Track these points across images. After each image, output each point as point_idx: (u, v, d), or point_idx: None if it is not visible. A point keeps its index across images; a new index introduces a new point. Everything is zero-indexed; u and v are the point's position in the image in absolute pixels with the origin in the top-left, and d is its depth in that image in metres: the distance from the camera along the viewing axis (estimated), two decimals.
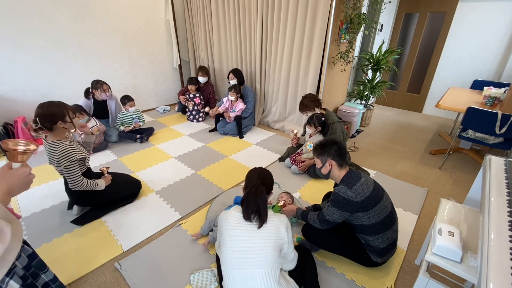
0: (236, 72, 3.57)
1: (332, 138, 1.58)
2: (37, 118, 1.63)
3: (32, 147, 0.88)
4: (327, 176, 1.56)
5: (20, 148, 0.84)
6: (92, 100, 3.21)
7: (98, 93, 3.13)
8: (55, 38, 3.25)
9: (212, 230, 1.82)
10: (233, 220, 1.24)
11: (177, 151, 3.10)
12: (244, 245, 1.18)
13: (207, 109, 3.50)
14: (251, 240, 1.18)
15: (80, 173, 1.80)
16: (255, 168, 1.44)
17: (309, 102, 2.60)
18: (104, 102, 3.29)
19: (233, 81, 3.56)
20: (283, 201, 1.95)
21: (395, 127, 3.99)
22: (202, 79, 3.96)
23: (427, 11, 4.12)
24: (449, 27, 3.93)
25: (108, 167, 2.15)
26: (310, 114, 2.63)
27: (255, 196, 1.19)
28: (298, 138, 2.85)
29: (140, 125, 3.39)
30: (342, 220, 1.48)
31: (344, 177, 1.47)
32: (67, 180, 1.79)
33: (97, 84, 3.10)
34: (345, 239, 1.58)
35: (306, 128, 2.60)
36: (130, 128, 3.32)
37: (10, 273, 0.87)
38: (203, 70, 3.96)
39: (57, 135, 1.73)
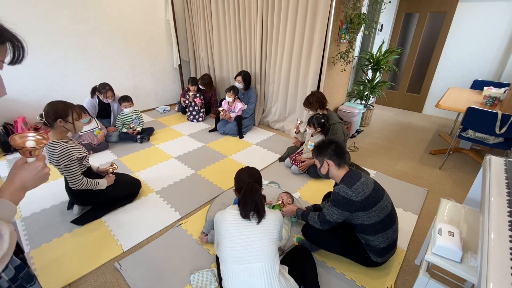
0: (246, 76, 3.48)
1: (329, 138, 1.58)
2: (43, 113, 1.69)
3: (43, 140, 0.84)
4: (327, 176, 1.56)
5: (30, 144, 0.80)
6: (97, 100, 3.23)
7: (102, 97, 3.17)
8: (55, 38, 3.25)
9: (213, 229, 1.82)
10: (230, 217, 1.26)
11: (177, 151, 3.10)
12: (243, 239, 1.21)
13: (220, 108, 3.46)
14: (250, 234, 1.21)
15: (80, 172, 1.81)
16: (242, 168, 1.47)
17: (314, 101, 2.59)
18: (109, 103, 3.32)
19: (239, 85, 3.49)
20: (281, 200, 1.95)
21: (395, 127, 3.99)
22: (202, 87, 3.95)
23: (427, 11, 4.12)
24: (449, 27, 3.93)
25: (115, 168, 2.12)
26: (311, 112, 2.62)
27: (252, 194, 1.23)
28: (299, 130, 2.82)
29: (138, 130, 3.36)
30: (342, 220, 1.48)
31: (344, 176, 1.47)
32: (67, 179, 1.79)
33: (103, 89, 3.14)
34: (345, 239, 1.58)
35: (307, 128, 2.60)
36: (129, 131, 3.31)
37: None
38: (205, 81, 3.88)
39: (57, 134, 1.74)
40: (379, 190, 1.46)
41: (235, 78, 3.54)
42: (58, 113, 1.67)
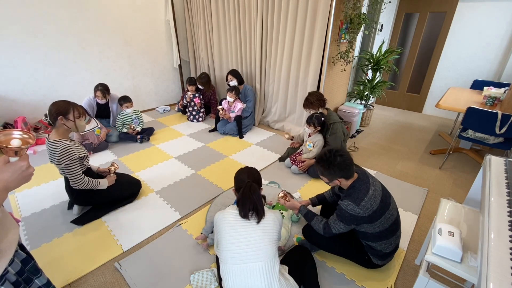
0: (234, 73, 3.55)
1: (330, 150, 1.42)
2: (48, 111, 1.72)
3: (29, 139, 0.79)
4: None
5: (15, 143, 0.75)
6: (96, 100, 3.24)
7: (95, 96, 3.18)
8: (55, 38, 3.25)
9: (212, 232, 1.82)
10: (230, 217, 1.27)
11: (177, 151, 3.10)
12: (243, 239, 1.21)
13: (220, 106, 3.48)
14: (250, 234, 1.21)
15: (81, 171, 1.81)
16: (241, 168, 1.47)
17: (315, 100, 2.58)
18: (107, 102, 3.31)
19: (233, 82, 3.53)
20: (283, 193, 1.81)
21: (395, 127, 3.98)
22: (200, 87, 3.95)
23: (427, 11, 4.12)
24: (449, 27, 3.93)
25: (116, 167, 2.13)
26: (313, 112, 2.62)
27: (250, 194, 1.24)
28: (292, 136, 2.83)
29: (138, 130, 3.36)
30: (347, 231, 1.47)
31: (351, 187, 1.40)
32: (69, 178, 1.79)
33: (95, 88, 3.16)
34: (346, 242, 1.57)
35: (305, 127, 2.60)
36: (129, 130, 3.31)
37: (2, 279, 0.85)
38: (202, 80, 3.89)
39: (59, 133, 1.76)
40: (386, 199, 1.40)
41: (226, 79, 3.58)
42: (59, 110, 1.69)
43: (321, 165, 1.42)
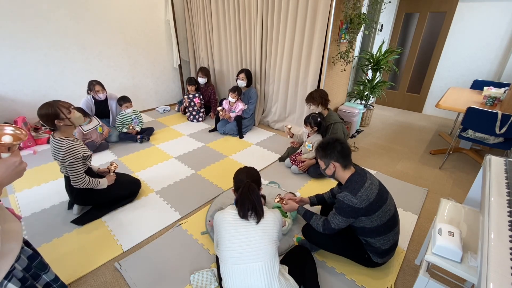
0: (248, 74, 3.51)
1: (333, 137, 1.52)
2: (41, 123, 1.70)
3: (21, 136, 0.79)
4: (332, 176, 1.53)
5: (7, 139, 0.76)
6: (93, 100, 3.23)
7: (93, 94, 3.18)
8: (55, 38, 3.25)
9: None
10: (230, 217, 1.27)
11: (177, 151, 3.10)
12: (243, 239, 1.21)
13: (219, 108, 3.48)
14: (250, 234, 1.22)
15: (83, 171, 1.83)
16: (240, 168, 1.48)
17: (317, 96, 2.57)
18: (105, 101, 3.31)
19: (242, 82, 3.49)
20: (278, 197, 1.82)
21: (395, 127, 3.98)
22: (201, 80, 3.94)
23: (427, 11, 4.12)
24: (449, 27, 3.93)
25: (116, 166, 2.13)
26: (313, 108, 2.61)
27: (249, 194, 1.24)
28: (292, 134, 2.84)
29: (137, 130, 3.36)
30: (346, 226, 1.47)
31: (349, 180, 1.43)
32: (70, 176, 1.80)
33: (91, 85, 3.15)
34: (346, 239, 1.57)
35: (303, 128, 2.59)
36: (129, 131, 3.31)
37: (9, 276, 0.86)
38: (203, 71, 3.93)
39: (63, 132, 1.77)
40: (383, 193, 1.42)
41: (237, 76, 3.53)
42: (50, 115, 1.68)
43: (320, 147, 1.50)
